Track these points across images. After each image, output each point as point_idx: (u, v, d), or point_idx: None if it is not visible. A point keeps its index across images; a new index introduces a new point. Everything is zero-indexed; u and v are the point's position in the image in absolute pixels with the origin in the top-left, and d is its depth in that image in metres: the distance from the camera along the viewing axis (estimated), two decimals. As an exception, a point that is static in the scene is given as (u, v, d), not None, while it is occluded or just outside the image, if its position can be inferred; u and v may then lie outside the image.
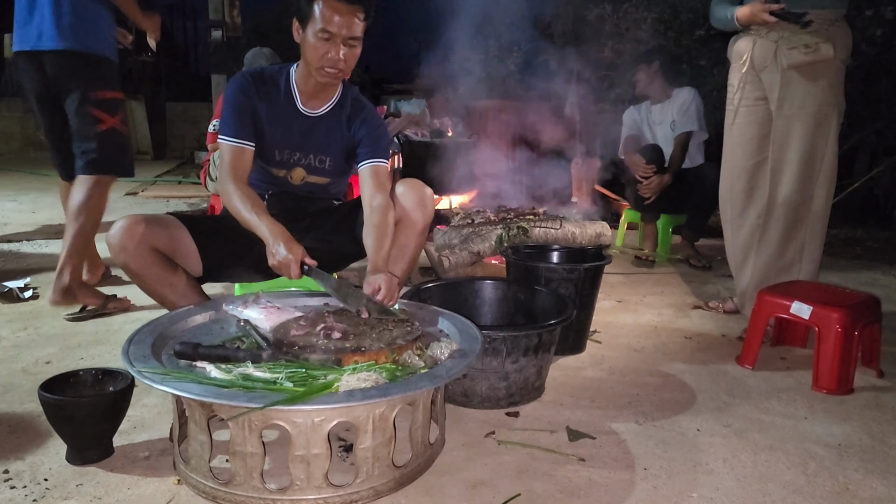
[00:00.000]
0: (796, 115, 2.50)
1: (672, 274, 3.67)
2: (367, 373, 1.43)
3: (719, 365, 2.34)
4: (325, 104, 2.11)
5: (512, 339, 1.88)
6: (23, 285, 2.95)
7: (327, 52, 1.93)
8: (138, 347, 1.54)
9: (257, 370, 1.45)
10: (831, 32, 2.41)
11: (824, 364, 2.14)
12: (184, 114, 10.32)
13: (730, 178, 2.71)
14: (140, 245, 1.86)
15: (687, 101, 3.88)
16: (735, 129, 2.67)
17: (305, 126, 2.10)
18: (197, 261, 2.01)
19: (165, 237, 1.93)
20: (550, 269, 2.39)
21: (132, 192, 6.28)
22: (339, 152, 2.16)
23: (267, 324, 1.75)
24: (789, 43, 2.43)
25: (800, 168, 2.52)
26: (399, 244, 2.07)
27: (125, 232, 1.85)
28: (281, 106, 2.07)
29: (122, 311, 2.76)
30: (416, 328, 1.69)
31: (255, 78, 2.06)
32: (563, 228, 3.00)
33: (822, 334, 2.15)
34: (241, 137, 2.00)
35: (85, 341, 2.40)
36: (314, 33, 1.92)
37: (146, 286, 1.93)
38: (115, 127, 2.78)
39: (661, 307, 3.03)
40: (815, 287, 2.42)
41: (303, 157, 2.12)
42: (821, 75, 2.45)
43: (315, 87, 2.06)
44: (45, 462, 1.59)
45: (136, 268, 1.88)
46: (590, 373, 2.25)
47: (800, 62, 2.43)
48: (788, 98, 2.50)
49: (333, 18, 1.89)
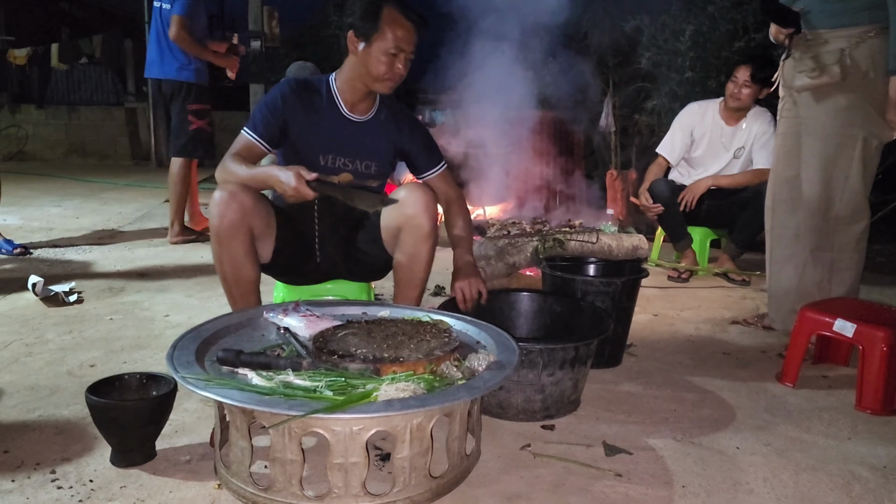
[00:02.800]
0: (817, 134, 2.47)
1: (710, 288, 3.62)
2: (406, 383, 1.44)
3: (759, 382, 2.30)
4: (369, 111, 2.18)
5: (549, 352, 1.87)
6: (68, 289, 3.02)
7: (394, 67, 2.03)
8: (182, 353, 1.57)
9: (297, 378, 1.47)
10: (845, 54, 2.34)
11: (868, 384, 2.09)
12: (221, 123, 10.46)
13: (773, 187, 2.72)
14: (241, 218, 1.91)
15: (765, 131, 3.62)
16: (778, 140, 2.71)
17: (351, 132, 2.15)
18: (271, 248, 2.07)
19: (262, 218, 2.00)
20: (587, 282, 2.38)
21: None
22: (385, 156, 2.22)
23: (306, 332, 1.77)
24: (799, 66, 2.42)
25: (818, 189, 2.49)
26: (408, 256, 2.07)
27: (233, 199, 1.90)
28: (324, 113, 2.13)
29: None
30: (454, 339, 1.70)
31: (300, 86, 2.12)
32: (599, 241, 2.98)
33: (866, 353, 2.10)
34: (260, 136, 2.07)
35: (128, 345, 2.45)
36: (382, 50, 2.01)
37: (220, 255, 1.96)
38: (202, 127, 4.33)
39: (699, 322, 2.99)
40: (859, 304, 2.38)
41: (349, 163, 2.16)
42: (835, 97, 2.39)
43: (360, 94, 2.13)
44: (90, 464, 1.62)
45: (225, 237, 1.92)
46: (626, 387, 2.23)
47: (806, 86, 2.42)
48: (806, 118, 2.49)
49: (404, 36, 2.01)
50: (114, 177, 7.87)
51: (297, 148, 2.13)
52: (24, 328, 2.60)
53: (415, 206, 2.02)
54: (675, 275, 3.76)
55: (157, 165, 9.54)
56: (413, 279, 2.11)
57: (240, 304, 2.03)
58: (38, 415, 1.88)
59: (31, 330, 2.58)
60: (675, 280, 3.74)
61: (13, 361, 2.27)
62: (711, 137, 3.78)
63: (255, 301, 2.06)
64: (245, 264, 1.98)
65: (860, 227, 2.54)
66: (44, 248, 3.99)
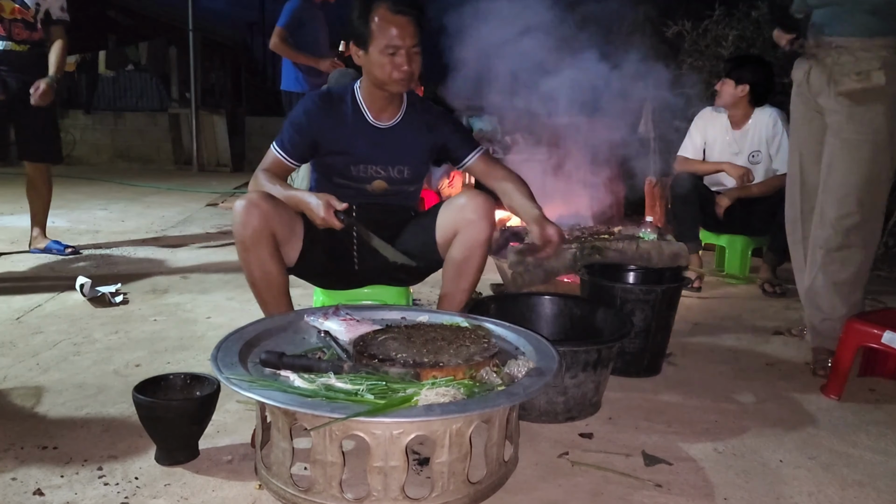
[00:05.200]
0: (851, 139, 2.42)
1: (752, 298, 3.56)
2: (446, 388, 1.44)
3: (803, 394, 2.25)
4: (396, 115, 2.18)
5: (572, 354, 1.89)
6: (114, 290, 3.10)
7: (399, 65, 2.01)
8: (226, 354, 1.59)
9: (339, 381, 1.49)
10: (887, 59, 2.32)
11: None
12: (262, 128, 10.65)
13: (798, 197, 2.65)
14: (263, 224, 1.96)
15: (775, 132, 3.59)
16: (797, 148, 2.64)
17: (379, 139, 2.16)
18: (296, 252, 2.11)
19: (287, 224, 2.04)
20: (626, 290, 2.36)
21: (212, 203, 6.52)
22: (417, 159, 2.22)
23: (346, 335, 1.79)
24: (842, 69, 2.39)
25: (853, 192, 2.42)
26: (462, 257, 2.09)
27: (255, 206, 1.95)
28: (351, 123, 2.14)
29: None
30: (493, 345, 1.70)
31: (323, 99, 2.15)
32: (638, 249, 2.96)
33: None
34: (289, 155, 2.13)
35: (171, 346, 2.51)
36: (379, 51, 2.00)
37: (247, 262, 2.01)
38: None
39: (740, 331, 2.94)
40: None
41: (381, 170, 2.17)
42: (874, 102, 2.36)
43: (383, 100, 2.13)
44: (135, 461, 1.66)
45: (249, 243, 1.97)
46: (666, 396, 2.21)
47: (851, 89, 2.38)
48: (843, 123, 2.44)
49: (396, 32, 1.97)
50: (157, 181, 8.05)
51: (327, 160, 2.16)
52: (73, 328, 2.67)
53: (475, 212, 2.05)
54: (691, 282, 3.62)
55: (198, 170, 9.74)
56: (462, 283, 2.12)
57: (272, 309, 2.06)
58: (85, 412, 1.93)
59: (79, 329, 2.65)
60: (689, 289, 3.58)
61: (62, 360, 2.33)
62: (721, 143, 3.78)
63: (287, 304, 2.10)
64: (273, 269, 2.02)
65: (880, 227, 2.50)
66: (91, 250, 4.09)
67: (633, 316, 2.29)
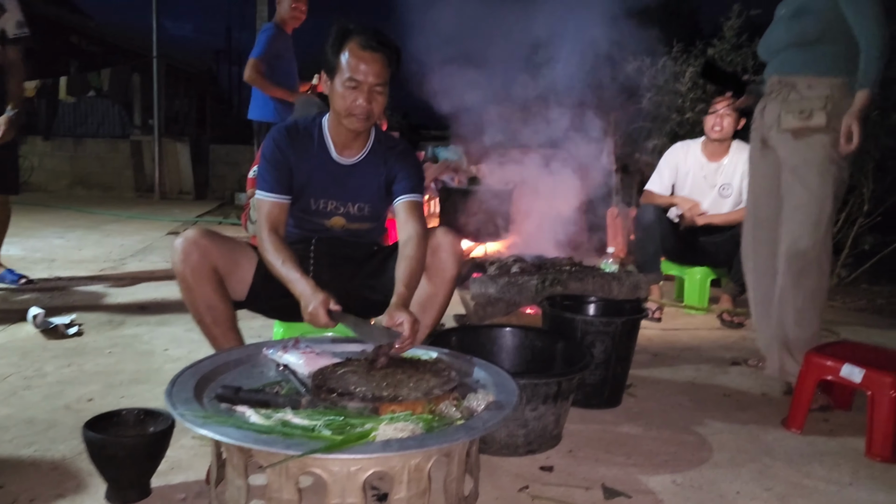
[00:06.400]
0: (797, 172, 2.54)
1: (711, 329, 3.62)
2: (405, 422, 1.43)
3: (760, 425, 2.28)
4: (360, 152, 2.16)
5: (532, 386, 1.90)
6: (68, 322, 3.02)
7: (355, 100, 1.99)
8: (181, 389, 1.56)
9: (296, 416, 1.47)
10: (830, 100, 2.45)
11: (878, 431, 2.07)
12: (226, 156, 10.56)
13: (753, 228, 2.77)
14: (203, 260, 1.94)
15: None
16: (756, 180, 2.77)
17: (341, 175, 2.15)
18: (245, 287, 2.09)
19: (228, 258, 2.02)
20: (587, 322, 2.38)
21: (174, 231, 6.42)
22: (377, 197, 2.20)
23: (305, 369, 1.77)
24: (788, 107, 2.53)
25: (804, 226, 2.52)
26: (429, 293, 2.09)
27: (193, 244, 1.94)
28: (315, 156, 2.13)
29: None
30: (454, 378, 1.69)
31: (290, 131, 2.14)
32: (599, 280, 2.99)
33: (875, 400, 2.09)
34: (278, 192, 2.08)
35: (126, 380, 2.45)
36: (342, 82, 1.98)
37: (191, 299, 1.99)
38: None
39: (699, 362, 2.98)
40: (864, 348, 2.37)
41: (340, 206, 2.17)
42: (815, 138, 2.49)
43: (347, 135, 2.11)
44: (84, 501, 1.62)
45: (191, 280, 1.95)
46: (626, 428, 2.22)
47: (793, 127, 2.52)
48: (788, 156, 2.57)
49: (360, 67, 1.96)
50: (117, 208, 7.92)
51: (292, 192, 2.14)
52: (24, 361, 2.60)
53: (444, 249, 2.05)
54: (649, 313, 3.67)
55: (160, 198, 9.61)
56: (426, 319, 2.10)
57: (221, 344, 2.04)
58: (34, 449, 1.87)
59: (30, 363, 2.58)
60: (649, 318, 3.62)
61: (11, 394, 2.26)
62: (695, 175, 3.86)
63: (237, 338, 2.07)
64: (218, 304, 2.00)
65: (829, 259, 2.59)
66: (45, 280, 3.99)
67: (593, 348, 2.31)
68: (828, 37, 2.46)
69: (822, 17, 2.45)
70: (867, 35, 2.37)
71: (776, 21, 2.66)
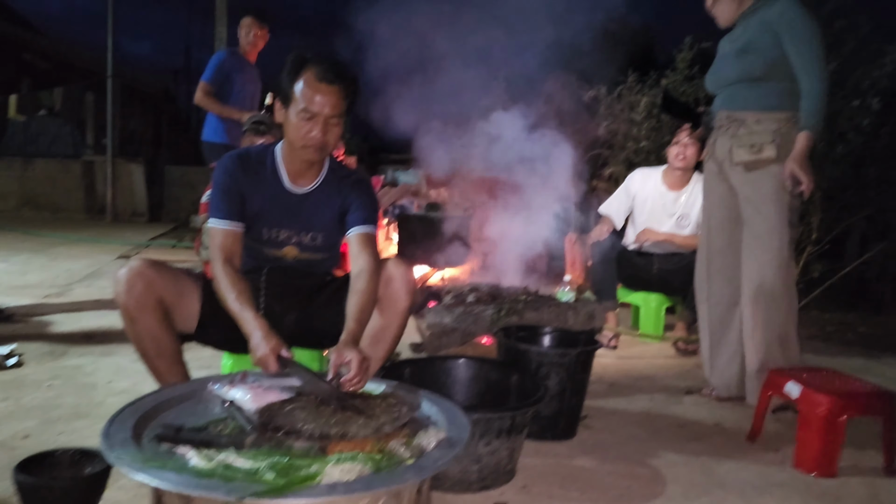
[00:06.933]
0: (753, 204, 2.63)
1: (666, 357, 3.64)
2: (352, 463, 1.39)
3: (713, 457, 2.29)
4: (313, 181, 2.12)
5: (485, 421, 1.87)
6: (7, 352, 2.90)
7: (310, 132, 1.95)
8: (119, 429, 1.49)
9: (239, 458, 1.41)
10: (779, 134, 2.54)
11: (803, 444, 2.22)
12: (182, 178, 10.40)
13: (706, 258, 2.85)
14: (147, 291, 1.88)
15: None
16: (710, 211, 2.85)
17: (293, 204, 2.11)
18: (193, 319, 2.02)
19: (174, 290, 1.96)
20: (541, 354, 2.38)
21: (124, 255, 6.27)
22: (331, 227, 2.16)
23: (252, 405, 1.70)
24: (738, 142, 2.61)
25: (762, 254, 2.61)
26: (381, 325, 2.05)
27: (137, 275, 1.88)
28: (268, 185, 2.09)
29: None
30: (405, 414, 1.65)
31: (242, 158, 2.10)
32: (555, 309, 2.99)
33: (804, 415, 2.23)
34: (231, 219, 2.02)
35: (66, 414, 2.35)
36: (297, 113, 1.95)
37: (134, 332, 1.92)
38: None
39: (654, 391, 3.00)
40: (827, 374, 2.44)
41: (293, 236, 2.13)
42: (767, 170, 2.58)
43: (301, 164, 2.08)
44: (13, 548, 1.53)
45: (134, 312, 1.89)
46: (580, 461, 2.21)
47: (744, 160, 2.61)
48: (740, 187, 2.67)
49: (315, 98, 1.93)
50: (66, 231, 7.71)
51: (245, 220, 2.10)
52: (-44, 394, 2.48)
53: (396, 281, 2.02)
54: (605, 341, 3.69)
55: (112, 220, 9.40)
56: (378, 351, 2.06)
57: (166, 378, 1.97)
58: (-39, 492, 1.77)
59: (-36, 396, 2.46)
60: (604, 346, 3.64)
61: (-60, 431, 2.15)
62: (654, 204, 3.88)
63: (182, 372, 2.01)
64: (163, 336, 1.94)
65: (794, 284, 2.67)
66: (-15, 307, 3.84)
67: (547, 379, 2.30)
68: (773, 74, 2.54)
69: (766, 56, 2.54)
70: (809, 78, 2.47)
71: (722, 57, 2.74)
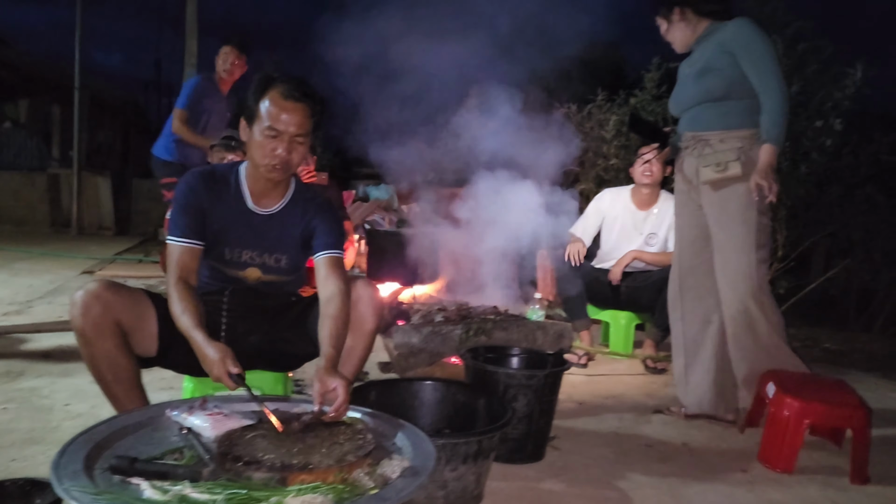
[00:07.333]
0: (720, 224, 2.67)
1: (635, 375, 3.65)
2: (313, 495, 1.36)
3: (680, 478, 2.28)
4: (278, 202, 2.09)
5: (451, 446, 1.84)
6: (-40, 374, 2.81)
7: (274, 150, 1.93)
8: (70, 460, 1.44)
9: (195, 490, 1.37)
10: (743, 151, 2.58)
11: (768, 441, 2.40)
12: (150, 191, 10.21)
13: (679, 276, 2.88)
14: (105, 314, 1.83)
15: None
16: (682, 230, 2.89)
17: (257, 224, 2.08)
18: (153, 342, 1.97)
19: (132, 312, 1.91)
20: (509, 375, 2.35)
21: (88, 270, 6.14)
22: (294, 249, 2.13)
23: (211, 432, 1.66)
24: (704, 161, 2.65)
25: (734, 271, 2.64)
26: (348, 346, 2.01)
27: (94, 297, 1.82)
28: (231, 205, 2.05)
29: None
30: (369, 441, 1.62)
31: (205, 176, 2.06)
32: (524, 329, 2.98)
33: (772, 414, 2.40)
34: (189, 237, 1.98)
35: (19, 440, 2.27)
36: (261, 131, 1.93)
37: (91, 356, 1.87)
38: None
39: (623, 410, 2.99)
40: (820, 382, 2.58)
41: (256, 257, 2.09)
42: (732, 187, 2.61)
43: (265, 184, 2.05)
44: (-44, 586, 1.46)
45: (91, 335, 1.83)
46: (548, 484, 2.18)
47: (711, 179, 2.64)
48: (707, 206, 2.71)
49: (280, 116, 1.91)
50: (30, 245, 7.54)
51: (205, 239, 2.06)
52: None
53: (364, 302, 2.00)
54: (575, 359, 3.69)
55: (77, 233, 9.22)
56: (344, 371, 2.03)
57: (125, 404, 1.91)
58: None
59: (-88, 421, 2.37)
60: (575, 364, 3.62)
61: None
62: (623, 222, 3.90)
63: (140, 397, 1.96)
64: (121, 360, 1.89)
65: (768, 299, 2.68)
66: (-60, 325, 3.72)
67: (515, 402, 2.28)
68: (734, 93, 2.58)
69: (725, 76, 2.58)
70: (768, 93, 2.52)
71: (682, 79, 2.78)
